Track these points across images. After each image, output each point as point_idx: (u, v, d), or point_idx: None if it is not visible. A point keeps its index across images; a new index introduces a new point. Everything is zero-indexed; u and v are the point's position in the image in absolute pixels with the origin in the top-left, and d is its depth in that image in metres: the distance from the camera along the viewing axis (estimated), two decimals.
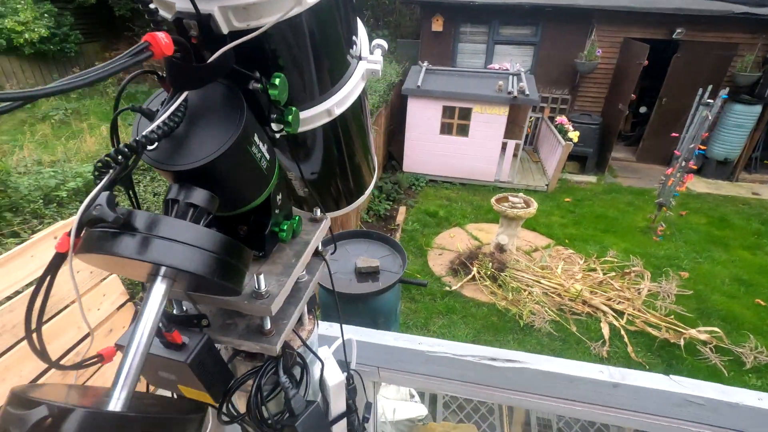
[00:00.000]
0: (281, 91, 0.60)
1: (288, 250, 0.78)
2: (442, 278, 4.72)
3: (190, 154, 0.54)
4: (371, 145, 1.07)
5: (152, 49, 0.39)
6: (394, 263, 2.52)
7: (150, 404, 0.52)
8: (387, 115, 6.78)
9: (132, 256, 0.45)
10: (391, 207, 6.26)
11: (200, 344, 0.66)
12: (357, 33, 0.80)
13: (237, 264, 0.53)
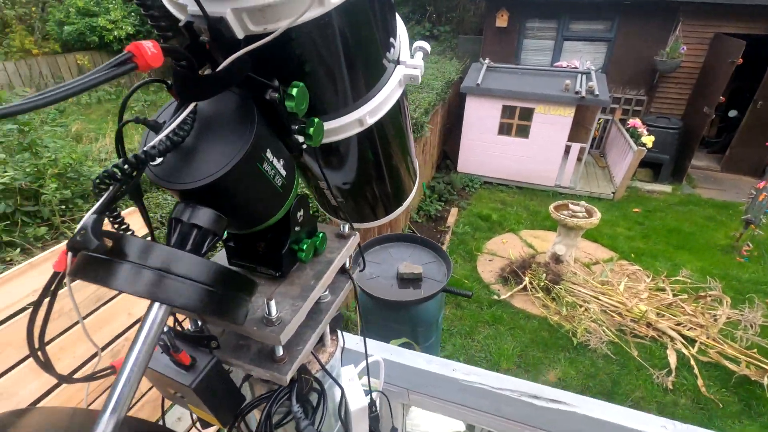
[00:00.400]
0: (299, 103, 0.54)
1: (308, 269, 0.73)
2: (490, 286, 4.53)
3: (195, 171, 0.49)
4: (412, 150, 0.99)
5: (136, 60, 0.35)
6: (438, 271, 2.42)
7: None
8: (443, 113, 6.63)
9: (117, 287, 0.41)
10: (442, 208, 6.12)
11: (207, 368, 0.63)
12: (395, 34, 0.72)
13: (235, 296, 0.48)
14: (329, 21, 0.54)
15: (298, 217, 0.68)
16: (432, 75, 6.33)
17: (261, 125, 0.52)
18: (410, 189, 1.07)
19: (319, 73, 0.61)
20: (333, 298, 0.78)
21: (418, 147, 5.33)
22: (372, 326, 2.44)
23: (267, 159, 0.53)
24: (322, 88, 0.64)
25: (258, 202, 0.56)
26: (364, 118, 0.70)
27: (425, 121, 4.94)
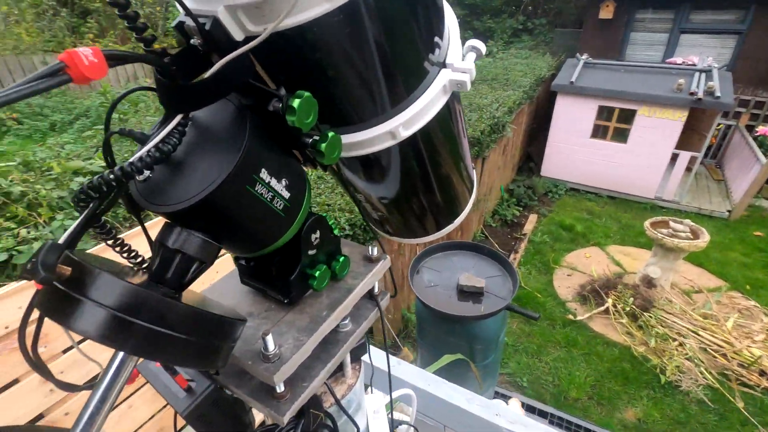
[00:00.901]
0: (302, 116, 0.46)
1: (324, 297, 0.65)
2: (566, 303, 4.15)
3: (178, 191, 0.43)
4: (467, 160, 0.87)
5: (69, 71, 0.29)
6: (502, 286, 2.23)
7: None
8: (530, 112, 6.20)
9: (62, 323, 0.37)
10: (520, 213, 5.76)
11: (202, 396, 0.58)
12: (442, 32, 0.61)
13: (210, 344, 0.41)
14: (346, 18, 0.45)
15: (313, 240, 0.61)
16: (521, 71, 5.94)
17: (256, 141, 0.45)
18: (466, 201, 0.95)
19: (339, 80, 0.52)
20: (354, 328, 0.70)
21: (499, 147, 5.05)
22: (427, 337, 2.33)
23: (261, 180, 0.46)
24: (344, 97, 0.56)
25: (253, 228, 0.50)
26: (396, 131, 0.60)
27: (507, 121, 4.64)
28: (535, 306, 4.12)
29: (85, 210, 0.43)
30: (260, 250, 0.55)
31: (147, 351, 0.39)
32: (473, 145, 4.02)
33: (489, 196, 5.30)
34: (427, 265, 2.37)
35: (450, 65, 0.62)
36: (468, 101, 4.72)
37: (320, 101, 0.58)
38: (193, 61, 0.43)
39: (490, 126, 4.27)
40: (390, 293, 0.82)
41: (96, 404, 0.42)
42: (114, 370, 0.42)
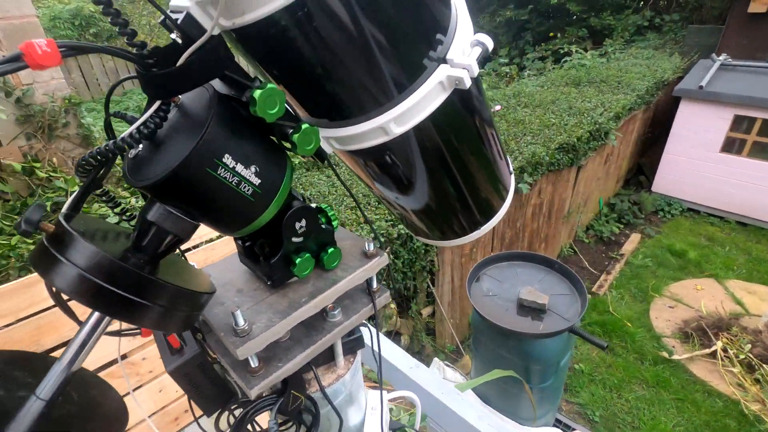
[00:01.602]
0: (263, 107, 0.48)
1: (309, 285, 0.68)
2: (662, 338, 3.64)
3: (150, 170, 0.49)
4: (497, 160, 0.83)
5: (25, 59, 0.35)
6: (569, 307, 2.04)
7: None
8: (645, 119, 5.52)
9: (43, 276, 0.44)
10: (619, 231, 5.18)
11: (187, 358, 0.64)
12: (445, 28, 0.59)
13: (135, 300, 0.45)
14: (309, 14, 0.46)
15: (297, 228, 0.63)
16: (638, 73, 5.32)
17: (221, 128, 0.48)
18: (498, 205, 0.90)
19: (319, 75, 0.54)
20: (342, 320, 0.71)
21: (600, 156, 4.59)
22: (481, 348, 2.23)
23: (224, 165, 0.49)
24: (329, 91, 0.57)
25: (219, 209, 0.53)
26: (387, 126, 0.60)
27: (612, 128, 4.20)
28: (623, 336, 3.68)
29: (85, 177, 0.50)
30: (235, 232, 0.59)
31: (107, 309, 0.45)
32: (566, 151, 3.72)
33: (584, 209, 4.85)
34: (489, 273, 2.27)
35: (450, 61, 0.59)
36: (568, 104, 4.38)
37: (309, 94, 0.60)
38: (175, 54, 0.48)
39: (589, 132, 3.91)
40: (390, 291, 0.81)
41: (76, 348, 0.50)
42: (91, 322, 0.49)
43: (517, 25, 8.37)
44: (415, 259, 2.84)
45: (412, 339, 3.30)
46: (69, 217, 0.49)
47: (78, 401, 0.52)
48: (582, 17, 7.79)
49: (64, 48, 0.36)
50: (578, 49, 6.74)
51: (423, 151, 0.68)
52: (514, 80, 6.70)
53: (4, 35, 2.15)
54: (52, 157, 2.32)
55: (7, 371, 0.50)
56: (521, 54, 8.10)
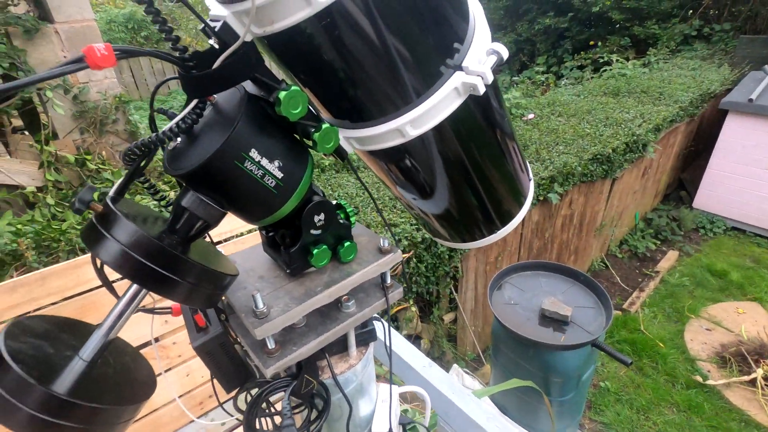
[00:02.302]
0: (287, 107, 0.53)
1: (326, 276, 0.72)
2: (696, 361, 3.47)
3: (184, 161, 0.55)
4: (515, 165, 0.85)
5: (87, 60, 0.41)
6: (593, 320, 2.00)
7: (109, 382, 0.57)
8: (688, 132, 5.30)
9: (90, 249, 0.50)
10: (656, 247, 4.98)
11: (210, 336, 0.70)
12: (462, 37, 0.62)
13: (167, 275, 0.51)
14: (333, 24, 0.51)
15: (316, 221, 0.68)
16: (682, 84, 5.12)
17: (249, 125, 0.53)
18: (515, 209, 0.93)
19: (342, 79, 0.58)
20: (355, 311, 0.75)
21: (637, 169, 4.45)
22: (501, 357, 2.21)
23: (250, 158, 0.54)
24: (351, 94, 0.61)
25: (245, 199, 0.58)
26: (404, 129, 0.64)
27: (650, 140, 4.06)
28: (654, 356, 3.54)
29: (130, 165, 0.57)
30: (258, 221, 0.64)
31: (143, 281, 0.50)
32: (600, 162, 3.63)
33: (618, 223, 4.70)
34: (511, 282, 2.26)
35: (465, 68, 0.63)
36: (605, 114, 4.27)
37: (332, 97, 0.64)
38: (212, 58, 0.53)
39: (625, 144, 3.80)
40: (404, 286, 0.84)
41: (114, 317, 0.56)
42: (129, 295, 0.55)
43: (556, 32, 8.22)
44: (439, 264, 2.84)
45: (433, 344, 3.30)
46: (115, 200, 0.55)
47: (113, 365, 0.58)
48: (625, 26, 7.56)
49: (118, 51, 0.42)
50: (619, 59, 6.55)
51: (439, 153, 0.72)
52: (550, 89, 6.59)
53: (66, 37, 2.34)
54: (102, 151, 2.50)
55: (57, 333, 0.56)
56: (559, 62, 7.95)
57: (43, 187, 2.31)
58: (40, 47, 2.26)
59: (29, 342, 0.52)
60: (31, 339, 0.52)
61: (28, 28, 2.14)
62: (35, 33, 2.19)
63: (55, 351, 0.53)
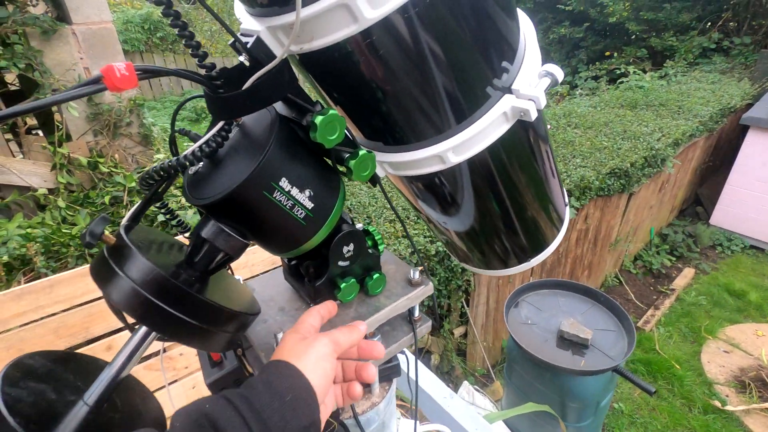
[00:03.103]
0: (323, 133, 0.48)
1: (352, 310, 0.66)
2: (714, 385, 3.36)
3: (209, 188, 0.49)
4: (553, 194, 0.80)
5: (105, 81, 0.36)
6: (614, 344, 1.92)
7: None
8: (706, 147, 5.19)
9: (99, 286, 0.45)
10: (671, 264, 4.86)
11: (225, 372, 0.65)
12: (512, 56, 0.57)
13: (186, 319, 0.45)
14: (378, 42, 0.45)
15: (345, 252, 0.62)
16: (701, 98, 5.02)
17: (280, 152, 0.48)
18: (550, 237, 0.87)
19: (381, 100, 0.53)
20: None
21: (654, 184, 4.35)
22: (515, 378, 2.14)
23: (280, 188, 0.49)
24: (389, 117, 0.56)
25: (272, 231, 0.53)
26: (445, 155, 0.58)
27: (669, 155, 3.97)
28: (669, 378, 3.43)
29: (147, 190, 0.52)
30: (284, 253, 0.58)
31: (155, 326, 0.45)
32: (618, 176, 3.54)
33: (633, 238, 4.60)
34: (529, 300, 2.19)
35: (515, 91, 0.57)
36: (622, 127, 4.18)
37: (367, 118, 0.59)
38: (241, 76, 0.48)
39: (644, 158, 3.71)
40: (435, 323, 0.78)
41: (125, 357, 0.50)
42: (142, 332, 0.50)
43: (571, 42, 8.15)
44: (452, 278, 2.78)
45: (443, 358, 3.23)
46: (128, 228, 0.50)
47: (121, 408, 0.53)
48: (642, 37, 7.47)
49: (140, 72, 0.37)
50: (636, 70, 6.45)
51: (478, 180, 0.66)
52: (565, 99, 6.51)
53: (83, 38, 2.32)
54: (115, 154, 2.47)
55: (61, 373, 0.51)
56: (574, 72, 7.86)
57: (55, 189, 2.28)
58: (57, 48, 2.25)
59: (29, 387, 0.46)
60: (31, 383, 0.47)
61: (46, 29, 2.13)
62: (52, 34, 2.18)
63: (57, 396, 0.48)
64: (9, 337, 1.46)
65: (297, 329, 0.55)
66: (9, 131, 2.39)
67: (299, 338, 0.53)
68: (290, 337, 0.54)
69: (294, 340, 0.53)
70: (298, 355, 0.51)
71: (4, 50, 2.03)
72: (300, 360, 0.50)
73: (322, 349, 0.52)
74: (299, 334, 0.54)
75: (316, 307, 0.60)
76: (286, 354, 0.51)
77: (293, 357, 0.50)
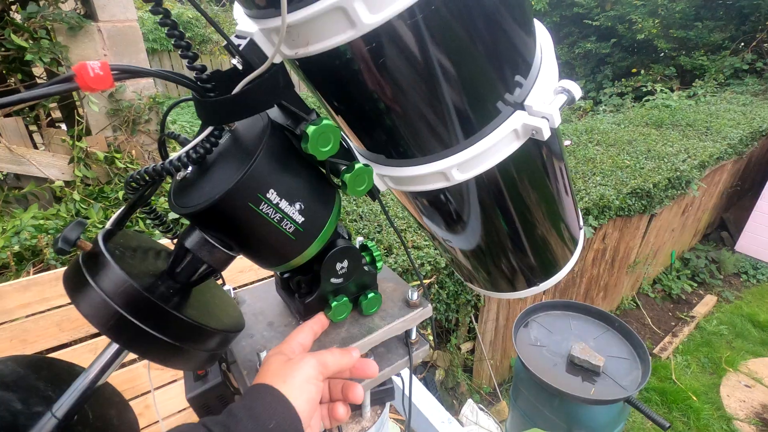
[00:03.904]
0: (315, 144, 0.44)
1: (343, 330, 0.63)
2: (733, 420, 3.20)
3: (193, 197, 0.47)
4: (567, 214, 0.75)
5: (77, 80, 0.33)
6: (627, 373, 1.83)
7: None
8: (734, 170, 5.01)
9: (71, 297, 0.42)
10: (692, 290, 4.69)
11: (208, 387, 0.62)
12: (526, 71, 0.53)
13: (158, 336, 0.42)
14: (381, 47, 0.42)
15: (338, 269, 0.59)
16: (731, 120, 4.86)
17: (269, 162, 0.45)
18: (562, 261, 0.82)
19: (381, 111, 0.50)
20: None
21: (678, 206, 4.21)
22: (521, 400, 2.06)
23: (267, 200, 0.45)
24: (391, 128, 0.52)
25: (258, 245, 0.50)
26: (449, 172, 0.55)
27: (695, 177, 3.84)
28: (686, 410, 3.28)
29: (133, 194, 0.49)
30: (272, 267, 0.55)
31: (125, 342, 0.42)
32: (640, 197, 3.43)
33: (653, 261, 4.45)
34: (539, 321, 2.11)
35: (528, 107, 0.53)
36: (647, 147, 4.07)
37: (368, 129, 0.56)
38: (233, 80, 0.45)
39: (668, 179, 3.59)
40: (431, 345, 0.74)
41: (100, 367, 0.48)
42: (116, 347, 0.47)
43: (596, 57, 8.02)
44: (461, 292, 2.72)
45: (448, 374, 3.15)
46: (110, 234, 0.48)
47: (92, 422, 0.50)
48: (671, 55, 7.31)
49: (116, 71, 0.35)
50: (663, 88, 6.30)
51: (484, 200, 0.62)
52: (588, 114, 6.39)
53: (108, 35, 2.37)
54: (132, 150, 2.50)
55: (32, 381, 0.49)
56: (598, 88, 7.73)
57: (71, 182, 2.32)
58: (82, 44, 2.29)
59: None
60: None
61: (73, 25, 2.17)
62: (79, 30, 2.22)
63: (23, 407, 0.45)
64: (13, 327, 1.47)
65: (282, 350, 0.53)
66: (33, 123, 2.44)
67: (284, 360, 0.50)
68: (275, 358, 0.51)
69: (279, 362, 0.50)
70: (283, 377, 0.48)
71: (32, 44, 2.08)
72: (285, 383, 0.47)
73: (308, 371, 0.49)
74: (284, 356, 0.51)
75: (309, 322, 0.57)
76: (270, 376, 0.48)
77: (277, 380, 0.47)
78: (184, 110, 7.40)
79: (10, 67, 2.27)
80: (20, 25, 2.12)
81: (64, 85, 0.33)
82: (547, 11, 8.20)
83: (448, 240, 0.75)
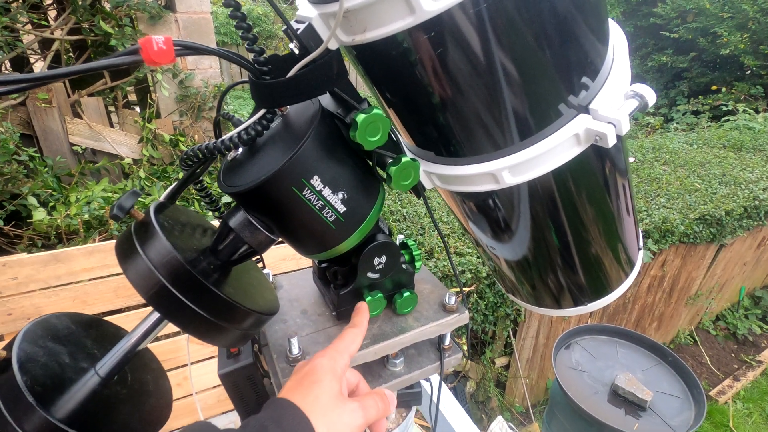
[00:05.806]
0: (363, 133, 0.44)
1: (375, 326, 0.61)
2: None
3: (240, 177, 0.47)
4: (625, 233, 0.70)
5: (141, 53, 0.34)
6: (677, 412, 1.69)
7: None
8: None
9: (120, 262, 0.44)
10: (762, 331, 4.25)
11: (239, 366, 0.63)
12: (595, 72, 0.50)
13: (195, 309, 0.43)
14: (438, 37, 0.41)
15: (375, 263, 0.58)
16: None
17: (316, 148, 0.45)
18: (616, 282, 0.77)
19: (433, 104, 0.48)
20: (403, 371, 0.64)
21: (752, 238, 3.83)
22: (556, 424, 1.96)
23: (311, 186, 0.45)
24: (441, 123, 0.51)
25: (298, 230, 0.50)
26: (499, 174, 0.52)
27: None
28: None
29: (187, 170, 0.51)
30: (310, 255, 0.55)
31: (163, 309, 0.44)
32: (708, 224, 3.16)
33: (717, 295, 4.08)
34: (583, 344, 2.00)
35: (593, 111, 0.49)
36: (721, 170, 3.74)
37: (419, 124, 0.54)
38: (290, 64, 0.46)
39: (743, 207, 3.28)
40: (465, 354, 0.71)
41: (142, 332, 0.49)
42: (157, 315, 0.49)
43: (672, 72, 7.49)
44: (500, 304, 2.63)
45: (479, 386, 3.06)
46: (162, 207, 0.49)
47: (130, 384, 0.52)
48: (759, 73, 6.67)
49: (179, 47, 0.36)
50: (747, 109, 5.76)
51: (536, 206, 0.58)
52: (656, 132, 5.98)
53: (183, 26, 2.52)
54: (195, 134, 2.65)
55: (81, 338, 0.52)
56: (671, 105, 7.22)
57: (139, 160, 2.49)
58: (160, 33, 2.45)
59: (47, 347, 0.47)
60: (50, 343, 0.48)
61: (153, 15, 2.33)
62: (158, 20, 2.38)
63: (71, 360, 0.48)
64: (76, 288, 1.60)
65: (335, 371, 0.47)
66: (111, 103, 2.65)
67: (337, 392, 0.45)
68: (329, 386, 0.45)
69: (331, 394, 0.44)
70: (323, 414, 0.42)
71: (116, 31, 2.25)
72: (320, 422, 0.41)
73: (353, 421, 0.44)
74: (337, 383, 0.46)
75: (360, 332, 0.54)
76: (310, 405, 0.42)
77: (317, 415, 0.42)
78: (246, 101, 7.74)
79: (97, 51, 2.48)
80: (109, 13, 2.31)
81: (129, 57, 0.35)
82: (620, 20, 7.77)
83: (492, 248, 0.72)
